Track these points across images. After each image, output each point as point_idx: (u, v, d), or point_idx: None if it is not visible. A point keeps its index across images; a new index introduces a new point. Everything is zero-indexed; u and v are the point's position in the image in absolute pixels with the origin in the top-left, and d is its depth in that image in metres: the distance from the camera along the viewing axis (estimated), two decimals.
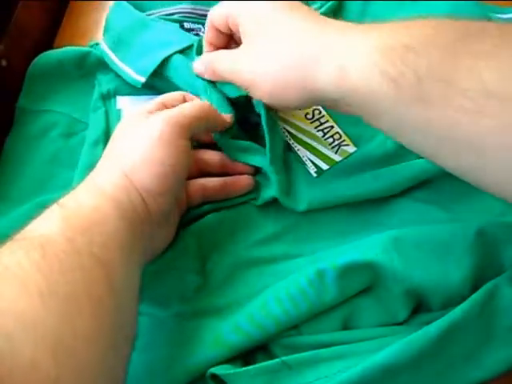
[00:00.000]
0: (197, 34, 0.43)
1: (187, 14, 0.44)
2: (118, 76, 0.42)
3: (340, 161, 0.39)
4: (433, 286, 0.32)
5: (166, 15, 0.43)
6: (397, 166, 0.36)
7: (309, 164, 0.38)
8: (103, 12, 0.44)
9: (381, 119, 0.28)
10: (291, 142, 0.39)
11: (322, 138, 0.40)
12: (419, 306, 0.33)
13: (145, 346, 0.31)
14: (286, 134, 0.40)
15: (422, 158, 0.35)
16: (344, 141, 0.39)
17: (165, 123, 0.31)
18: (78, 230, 0.25)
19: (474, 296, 0.31)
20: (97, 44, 0.44)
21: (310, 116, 0.40)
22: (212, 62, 0.36)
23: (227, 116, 0.36)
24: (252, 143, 0.37)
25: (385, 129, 0.29)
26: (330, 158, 0.39)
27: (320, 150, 0.39)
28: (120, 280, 0.26)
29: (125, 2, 0.42)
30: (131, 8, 0.42)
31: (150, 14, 0.43)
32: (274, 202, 0.37)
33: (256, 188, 0.37)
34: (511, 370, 0.30)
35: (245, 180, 0.37)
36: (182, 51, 0.39)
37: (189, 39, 0.39)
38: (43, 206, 0.26)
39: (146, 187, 0.30)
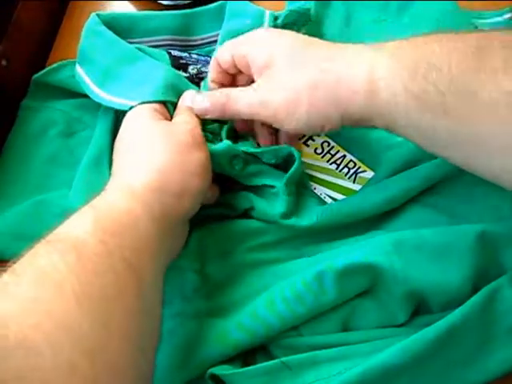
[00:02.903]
0: (186, 64, 0.41)
1: (169, 47, 0.43)
2: None
3: (360, 189, 0.38)
4: (433, 288, 0.32)
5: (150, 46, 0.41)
6: (404, 174, 0.36)
7: (328, 200, 0.38)
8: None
9: (405, 130, 0.29)
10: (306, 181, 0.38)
11: (337, 170, 0.39)
12: (419, 308, 0.33)
13: None
14: None
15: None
16: (360, 167, 0.38)
17: (189, 128, 0.32)
18: (110, 233, 0.25)
19: (474, 298, 0.31)
20: None
21: (319, 151, 0.40)
22: (224, 100, 0.33)
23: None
24: (264, 166, 0.37)
25: (408, 138, 0.30)
26: (348, 188, 0.38)
27: (336, 183, 0.38)
28: (149, 284, 0.26)
29: (100, 25, 0.39)
30: (110, 35, 0.39)
31: (131, 43, 0.40)
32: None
33: (251, 201, 0.37)
34: (511, 372, 0.30)
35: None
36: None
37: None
38: (41, 205, 0.26)
39: (183, 187, 0.30)
